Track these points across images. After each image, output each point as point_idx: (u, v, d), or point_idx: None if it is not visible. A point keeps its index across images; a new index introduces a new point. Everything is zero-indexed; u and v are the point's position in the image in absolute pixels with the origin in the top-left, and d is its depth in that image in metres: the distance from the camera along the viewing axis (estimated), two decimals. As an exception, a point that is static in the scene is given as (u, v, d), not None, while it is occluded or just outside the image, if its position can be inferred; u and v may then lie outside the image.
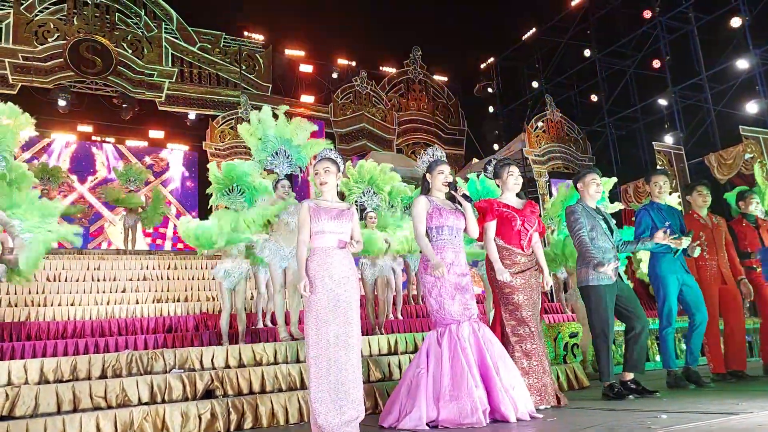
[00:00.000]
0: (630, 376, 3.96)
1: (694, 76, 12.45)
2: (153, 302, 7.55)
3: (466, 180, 5.91)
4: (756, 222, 5.31)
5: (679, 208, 4.92)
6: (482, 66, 17.37)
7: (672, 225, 4.35)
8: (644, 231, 4.48)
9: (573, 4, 14.90)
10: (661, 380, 4.67)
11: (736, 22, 11.44)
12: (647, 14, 13.09)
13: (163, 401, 3.87)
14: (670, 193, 6.61)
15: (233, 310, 5.81)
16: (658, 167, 10.78)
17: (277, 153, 5.86)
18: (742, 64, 11.25)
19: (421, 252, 3.63)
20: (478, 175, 5.89)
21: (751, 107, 10.90)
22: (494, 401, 3.21)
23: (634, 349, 3.94)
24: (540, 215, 4.14)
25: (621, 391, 3.88)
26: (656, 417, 2.93)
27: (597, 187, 4.12)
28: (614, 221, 4.26)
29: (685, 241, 4.23)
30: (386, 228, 6.86)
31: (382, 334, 6.09)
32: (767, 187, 6.21)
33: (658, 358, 6.43)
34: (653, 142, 12.20)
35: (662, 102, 13.04)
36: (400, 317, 7.27)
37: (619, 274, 4.04)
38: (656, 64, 13.24)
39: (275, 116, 5.80)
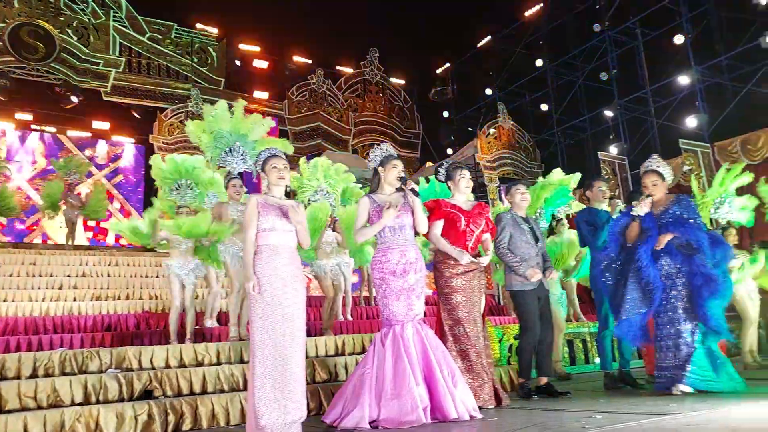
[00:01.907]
0: (545, 380, 4.23)
1: (638, 89, 12.95)
2: (92, 300, 7.25)
3: (428, 181, 5.92)
4: None
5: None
6: (438, 71, 17.55)
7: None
8: (588, 233, 4.66)
9: (527, 14, 15.25)
10: (599, 382, 4.82)
11: (679, 39, 11.96)
12: (597, 28, 13.52)
13: (98, 402, 3.72)
14: (612, 198, 6.85)
15: (182, 309, 5.65)
16: (601, 175, 11.14)
17: (231, 150, 5.60)
18: (684, 79, 11.76)
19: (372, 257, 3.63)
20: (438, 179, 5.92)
21: (691, 121, 11.40)
22: (435, 399, 3.24)
23: (544, 355, 4.26)
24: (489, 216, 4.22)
25: (530, 391, 4.15)
26: (591, 417, 3.02)
27: (522, 196, 4.41)
28: (541, 231, 4.49)
29: None
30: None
31: (330, 335, 6.04)
32: (702, 198, 6.51)
33: (597, 360, 6.63)
34: (599, 152, 12.62)
35: (608, 113, 13.49)
36: (350, 318, 7.24)
37: (541, 281, 4.24)
38: (603, 76, 13.68)
39: (231, 111, 5.62)
